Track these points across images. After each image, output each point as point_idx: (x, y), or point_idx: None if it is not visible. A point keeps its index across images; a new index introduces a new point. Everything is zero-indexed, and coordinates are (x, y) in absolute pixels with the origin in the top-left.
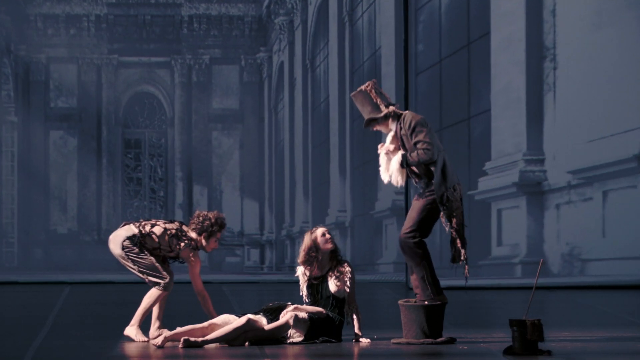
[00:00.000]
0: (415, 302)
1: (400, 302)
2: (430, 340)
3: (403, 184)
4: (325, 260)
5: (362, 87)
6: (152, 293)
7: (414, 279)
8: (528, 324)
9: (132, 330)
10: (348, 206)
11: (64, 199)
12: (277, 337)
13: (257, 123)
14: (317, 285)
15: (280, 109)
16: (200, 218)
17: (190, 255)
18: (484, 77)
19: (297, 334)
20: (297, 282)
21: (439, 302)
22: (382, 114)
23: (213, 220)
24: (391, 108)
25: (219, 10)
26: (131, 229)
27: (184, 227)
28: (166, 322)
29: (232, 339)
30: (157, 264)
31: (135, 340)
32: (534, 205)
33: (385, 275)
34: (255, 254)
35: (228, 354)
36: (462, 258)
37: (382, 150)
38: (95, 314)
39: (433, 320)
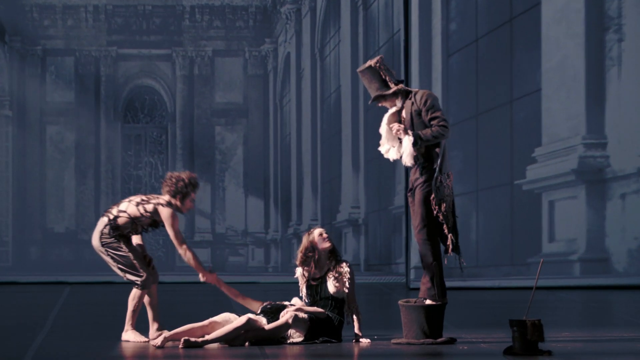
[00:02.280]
0: (415, 302)
1: (400, 302)
2: (430, 340)
3: (412, 165)
4: (323, 261)
5: (371, 62)
6: (134, 293)
7: (423, 277)
8: (528, 324)
9: (129, 334)
10: (362, 202)
11: (60, 197)
12: (277, 337)
13: (261, 117)
14: (316, 286)
15: (287, 102)
16: (173, 180)
17: (168, 212)
18: (531, 54)
19: (297, 334)
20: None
21: (439, 302)
22: (391, 91)
23: (187, 181)
24: (400, 85)
25: (222, 1)
26: (103, 221)
27: (149, 195)
28: (167, 322)
29: (232, 338)
30: (135, 261)
31: (136, 341)
32: (594, 195)
33: (396, 278)
34: (259, 254)
35: (228, 354)
36: (447, 243)
37: (396, 128)
38: (95, 314)
39: (433, 320)
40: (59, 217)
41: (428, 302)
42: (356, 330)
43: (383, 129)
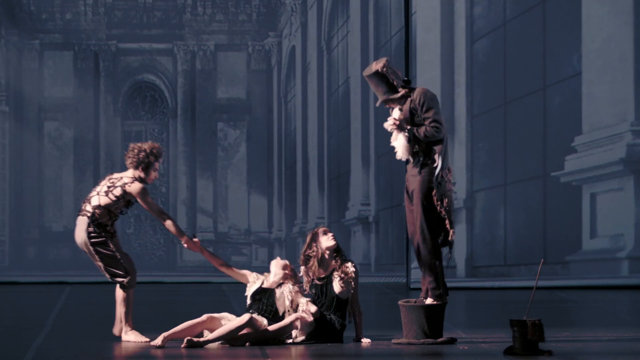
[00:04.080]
0: (415, 302)
1: (400, 302)
2: (430, 340)
3: (407, 159)
4: (328, 260)
5: (377, 67)
6: (121, 295)
7: (424, 278)
8: (528, 324)
9: (129, 335)
10: (372, 199)
11: (59, 195)
12: (280, 338)
13: (265, 113)
14: (321, 286)
15: (291, 97)
16: (135, 151)
17: (137, 188)
18: (568, 36)
19: (300, 334)
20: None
21: (439, 302)
22: (398, 95)
23: (148, 151)
24: (407, 89)
25: None
26: (83, 220)
27: (112, 176)
28: (167, 322)
29: (233, 338)
30: (121, 260)
31: (137, 342)
32: None
33: (396, 278)
34: (263, 253)
35: (228, 354)
36: (450, 238)
37: (389, 123)
38: (95, 314)
39: (433, 320)
40: (57, 215)
41: (428, 301)
42: (357, 330)
43: (388, 124)
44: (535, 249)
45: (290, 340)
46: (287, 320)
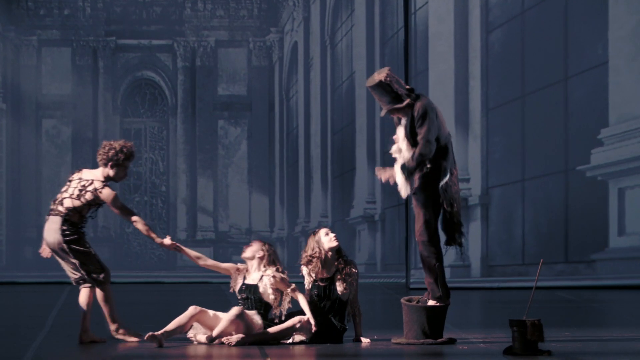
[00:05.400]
0: (417, 302)
1: (402, 300)
2: (430, 340)
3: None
4: (331, 261)
5: (379, 77)
6: (99, 294)
7: (426, 279)
8: (528, 324)
9: (120, 334)
10: (378, 197)
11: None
12: (281, 340)
13: (266, 111)
14: (324, 287)
15: (293, 94)
16: (106, 148)
17: (107, 194)
18: (592, 24)
19: (300, 336)
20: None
21: (441, 304)
22: (404, 104)
23: (118, 149)
24: (409, 99)
25: None
26: (55, 220)
27: (82, 177)
28: (166, 322)
29: (227, 333)
30: (95, 255)
31: (129, 340)
32: None
33: (396, 278)
34: None
35: (228, 354)
36: (461, 241)
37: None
38: (95, 314)
39: (434, 321)
40: None
41: (431, 302)
42: (357, 330)
43: (400, 138)
44: (555, 247)
45: (290, 340)
46: (288, 323)
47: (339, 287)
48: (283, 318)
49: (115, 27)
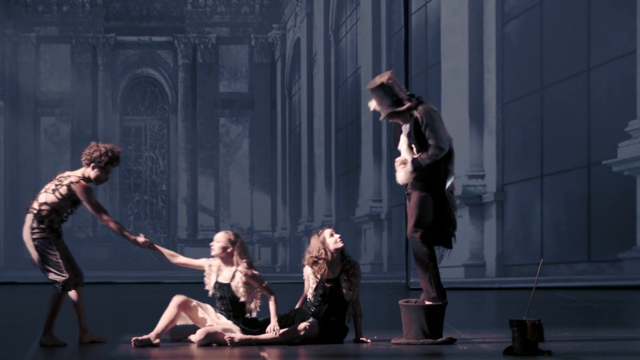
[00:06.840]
0: (415, 302)
1: (400, 302)
2: (430, 340)
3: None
4: (336, 261)
5: (381, 80)
6: (54, 296)
7: (420, 280)
8: (528, 324)
9: (46, 338)
10: (384, 195)
11: None
12: (290, 342)
13: (268, 108)
14: (329, 288)
15: (296, 91)
16: (92, 149)
17: (80, 188)
18: (616, 12)
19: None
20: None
21: (439, 303)
22: (404, 108)
23: (103, 151)
24: (410, 103)
25: None
26: (29, 217)
27: (62, 174)
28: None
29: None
30: (60, 261)
31: (54, 344)
32: None
33: (396, 278)
34: (266, 253)
35: (228, 354)
36: (453, 243)
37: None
38: (95, 314)
39: (433, 320)
40: None
41: (428, 302)
42: (357, 330)
43: (402, 147)
44: (577, 246)
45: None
46: (298, 326)
47: (345, 287)
48: (255, 315)
49: (114, 23)
